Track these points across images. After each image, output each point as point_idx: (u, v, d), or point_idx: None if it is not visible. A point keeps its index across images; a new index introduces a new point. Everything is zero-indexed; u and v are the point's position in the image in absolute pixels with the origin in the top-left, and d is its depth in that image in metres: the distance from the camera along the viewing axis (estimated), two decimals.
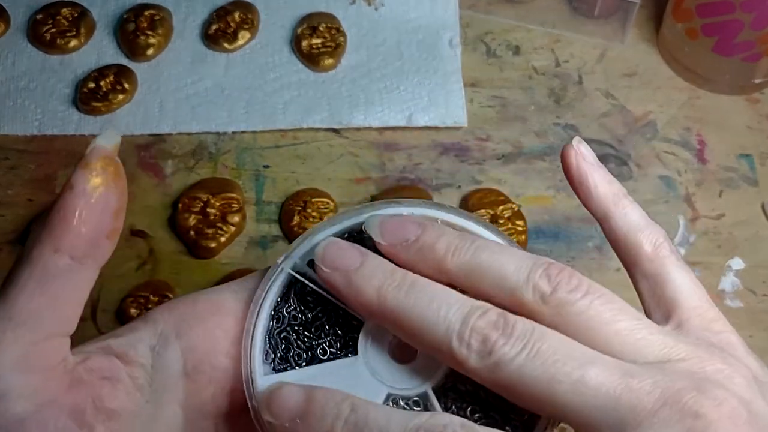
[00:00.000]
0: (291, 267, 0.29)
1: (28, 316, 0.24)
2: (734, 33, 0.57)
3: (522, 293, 0.25)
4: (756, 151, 0.59)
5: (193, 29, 0.64)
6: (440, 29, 0.64)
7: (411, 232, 0.27)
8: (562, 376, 0.23)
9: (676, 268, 0.29)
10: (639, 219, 0.30)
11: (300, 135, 0.59)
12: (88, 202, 0.25)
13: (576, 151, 0.31)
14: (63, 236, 0.25)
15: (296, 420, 0.25)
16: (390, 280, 0.26)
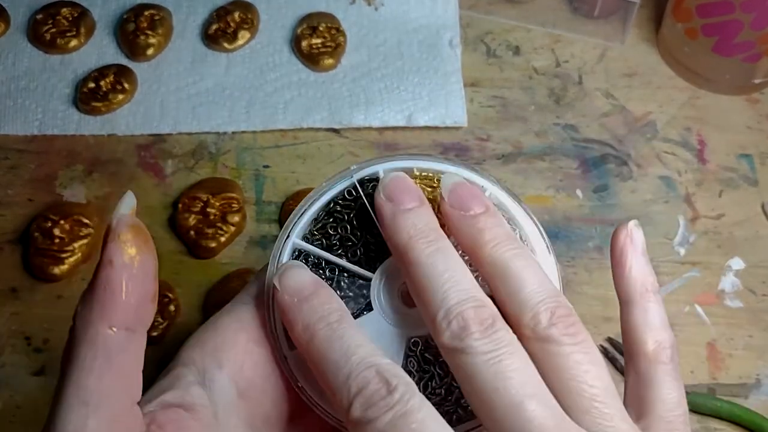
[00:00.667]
0: (358, 178, 0.31)
1: (102, 396, 0.25)
2: (734, 33, 0.57)
3: (523, 313, 0.26)
4: (756, 151, 0.59)
5: (193, 29, 0.64)
6: (440, 29, 0.64)
7: (475, 207, 0.29)
8: (506, 392, 0.24)
9: (668, 378, 0.29)
10: (656, 318, 0.30)
11: (300, 135, 0.59)
12: (130, 273, 0.26)
13: (628, 234, 0.31)
14: (115, 312, 0.25)
15: (294, 298, 0.28)
16: (424, 233, 0.28)
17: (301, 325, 0.27)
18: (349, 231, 0.31)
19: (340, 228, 0.31)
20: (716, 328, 0.51)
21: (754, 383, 0.49)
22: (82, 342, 0.25)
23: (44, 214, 0.54)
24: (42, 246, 0.53)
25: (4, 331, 0.51)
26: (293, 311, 0.28)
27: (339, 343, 0.26)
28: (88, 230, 0.54)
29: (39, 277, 0.52)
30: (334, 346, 0.26)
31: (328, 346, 0.26)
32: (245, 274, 0.52)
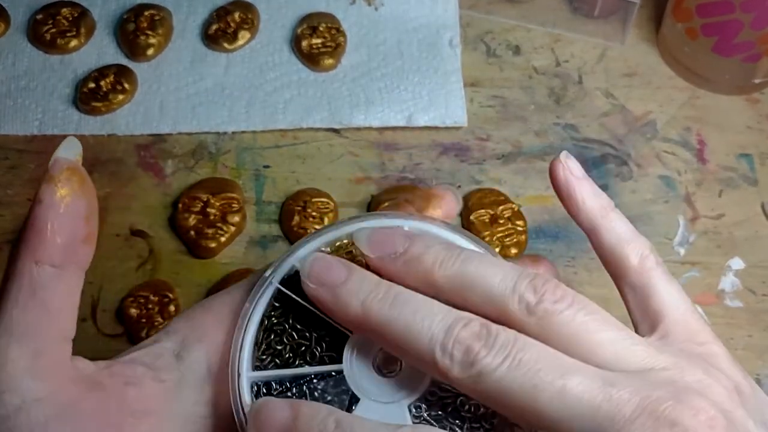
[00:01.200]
0: (278, 281, 0.29)
1: (26, 327, 0.26)
2: (734, 33, 0.57)
3: (508, 303, 0.26)
4: (756, 151, 0.59)
5: (194, 29, 0.64)
6: (440, 29, 0.64)
7: (399, 245, 0.28)
8: (544, 385, 0.24)
9: (661, 280, 0.29)
10: (626, 231, 0.30)
11: (300, 135, 0.59)
12: (57, 212, 0.26)
13: (563, 166, 0.31)
14: (40, 248, 0.26)
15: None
16: (375, 293, 0.26)
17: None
18: (296, 337, 0.29)
19: (286, 338, 0.29)
20: (716, 328, 0.51)
21: None
22: (10, 277, 0.26)
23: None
24: None
25: None
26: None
27: None
28: None
29: None
30: None
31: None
32: (245, 274, 0.52)
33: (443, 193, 0.33)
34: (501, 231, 0.54)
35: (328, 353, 0.29)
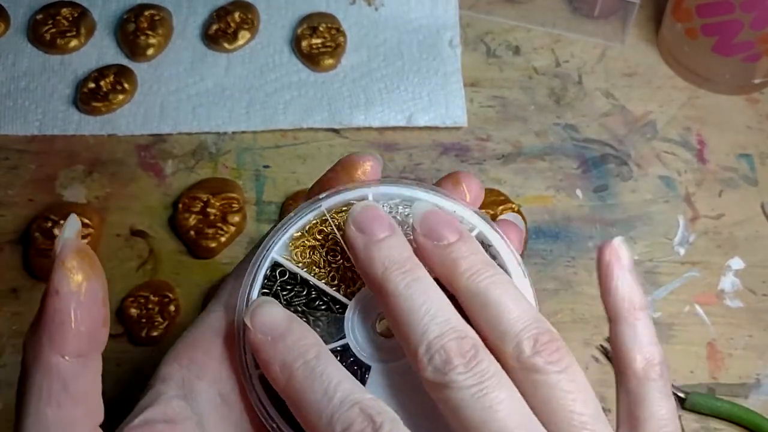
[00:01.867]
0: (327, 207, 0.31)
1: (62, 424, 0.25)
2: (734, 33, 0.57)
3: (505, 343, 0.26)
4: (756, 150, 0.59)
5: (194, 29, 0.64)
6: (440, 29, 0.64)
7: (448, 236, 0.28)
8: (492, 424, 0.24)
9: (659, 395, 0.29)
10: (644, 336, 0.30)
11: (300, 135, 0.59)
12: (78, 301, 0.25)
13: (613, 250, 0.31)
14: (66, 341, 0.25)
15: (268, 337, 0.27)
16: (399, 264, 0.27)
17: (277, 366, 0.27)
18: (323, 256, 0.30)
19: (315, 253, 0.31)
20: (716, 328, 0.51)
21: (754, 383, 0.49)
22: (36, 372, 0.25)
23: (44, 214, 0.54)
24: (42, 246, 0.53)
25: (5, 331, 0.51)
26: (267, 351, 0.27)
27: (319, 381, 0.26)
28: (88, 230, 0.54)
29: (39, 278, 0.52)
30: (314, 385, 0.26)
31: (308, 386, 0.26)
32: None
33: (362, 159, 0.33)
34: None
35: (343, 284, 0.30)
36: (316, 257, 0.30)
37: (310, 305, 0.30)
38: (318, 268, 0.30)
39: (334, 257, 0.30)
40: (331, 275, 0.30)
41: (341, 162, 0.33)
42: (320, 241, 0.31)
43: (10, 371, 0.50)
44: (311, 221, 0.31)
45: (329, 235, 0.31)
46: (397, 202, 0.31)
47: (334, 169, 0.33)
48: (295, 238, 0.31)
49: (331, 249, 0.30)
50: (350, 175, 0.32)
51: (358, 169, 0.32)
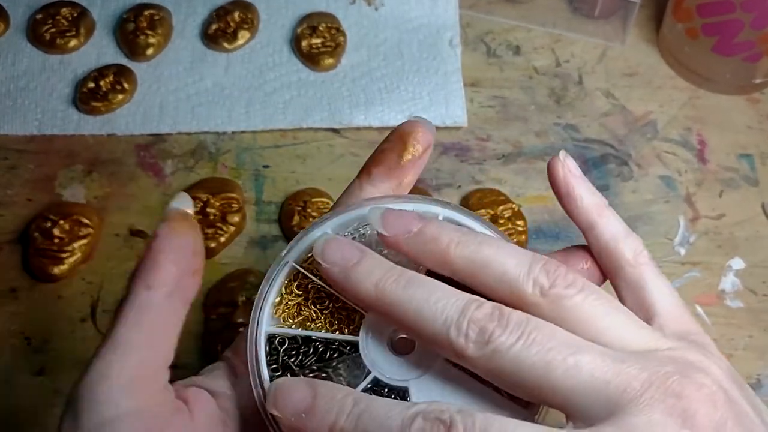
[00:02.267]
0: (294, 260, 0.30)
1: (131, 346, 0.28)
2: (734, 33, 0.57)
3: (522, 286, 0.27)
4: (756, 150, 0.59)
5: (193, 29, 0.64)
6: (440, 29, 0.64)
7: (413, 224, 0.29)
8: (557, 363, 0.25)
9: (654, 275, 0.30)
10: (620, 229, 0.31)
11: (300, 135, 0.59)
12: (170, 244, 0.29)
13: (563, 164, 0.32)
14: (153, 274, 0.28)
15: (301, 414, 0.27)
16: (388, 275, 0.27)
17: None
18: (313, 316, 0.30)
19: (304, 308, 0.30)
20: (716, 328, 0.51)
21: (754, 383, 0.49)
22: (125, 300, 0.28)
23: (44, 214, 0.54)
24: (41, 246, 0.53)
25: (4, 331, 0.51)
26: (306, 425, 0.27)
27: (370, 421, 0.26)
28: (87, 230, 0.53)
29: (39, 277, 0.52)
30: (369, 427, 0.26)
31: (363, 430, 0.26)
32: (245, 275, 0.52)
33: (413, 128, 0.33)
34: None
35: (342, 333, 0.29)
36: (306, 312, 0.30)
37: (322, 359, 0.29)
38: (312, 321, 0.30)
39: (322, 304, 0.30)
40: (328, 322, 0.30)
41: (395, 131, 0.33)
42: (302, 294, 0.30)
43: (9, 371, 0.49)
44: (284, 282, 0.30)
45: (308, 285, 0.30)
46: (356, 225, 0.31)
47: (389, 139, 0.33)
48: (276, 304, 0.30)
49: (316, 297, 0.30)
50: (404, 143, 0.33)
51: (411, 135, 0.33)
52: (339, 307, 0.30)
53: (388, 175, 0.33)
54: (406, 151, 0.33)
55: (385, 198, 0.31)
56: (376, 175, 0.33)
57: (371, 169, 0.33)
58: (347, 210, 0.31)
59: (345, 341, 0.29)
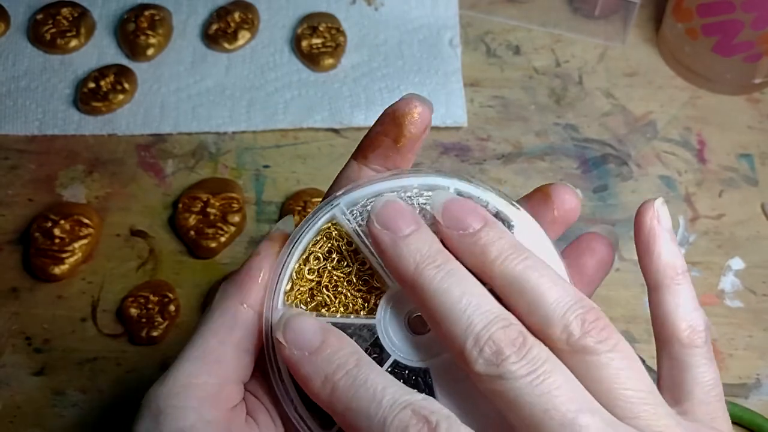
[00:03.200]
0: (340, 210, 0.30)
1: (218, 359, 0.28)
2: (734, 33, 0.57)
3: (553, 326, 0.25)
4: (756, 150, 0.59)
5: (194, 29, 0.64)
6: (441, 29, 0.64)
7: (473, 223, 0.27)
8: (555, 412, 0.24)
9: (703, 360, 0.29)
10: (688, 301, 0.29)
11: (300, 135, 0.59)
12: (270, 265, 0.30)
13: (655, 213, 0.30)
14: (249, 292, 0.29)
15: (305, 352, 0.27)
16: (432, 259, 0.26)
17: (318, 380, 0.26)
18: (335, 279, 0.30)
19: (317, 294, 0.30)
20: (717, 328, 0.51)
21: (754, 383, 0.49)
22: (217, 310, 0.29)
23: (44, 214, 0.54)
24: (42, 246, 0.53)
25: (5, 331, 0.51)
26: (305, 366, 0.26)
27: (364, 389, 0.25)
28: (88, 230, 0.54)
29: (39, 277, 0.52)
30: (360, 393, 0.25)
31: (354, 396, 0.25)
32: None
33: (408, 108, 0.31)
34: None
35: (365, 297, 0.29)
36: (319, 297, 0.30)
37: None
38: (325, 306, 0.29)
39: (335, 288, 0.30)
40: (343, 305, 0.29)
41: (387, 114, 0.31)
42: (314, 279, 0.30)
43: (10, 371, 0.50)
44: (294, 267, 0.30)
45: (321, 269, 0.30)
46: (415, 192, 0.30)
47: (382, 122, 0.31)
48: (288, 291, 0.30)
49: (330, 282, 0.30)
50: (399, 127, 0.31)
51: (406, 118, 0.31)
52: (354, 291, 0.29)
53: (385, 160, 0.31)
54: (401, 135, 0.31)
55: (395, 173, 0.30)
56: (372, 159, 0.32)
57: (367, 153, 0.31)
58: (358, 187, 0.30)
59: (361, 325, 0.29)
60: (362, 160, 0.32)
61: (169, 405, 0.27)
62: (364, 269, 0.29)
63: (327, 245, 0.30)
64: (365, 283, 0.29)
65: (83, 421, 0.48)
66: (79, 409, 0.48)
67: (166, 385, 0.28)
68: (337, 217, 0.30)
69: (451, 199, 0.28)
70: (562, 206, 0.32)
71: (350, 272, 0.30)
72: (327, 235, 0.30)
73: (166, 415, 0.27)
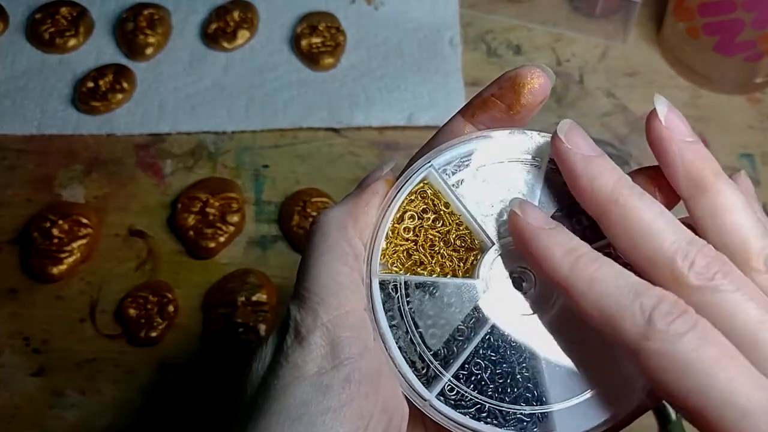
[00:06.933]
0: (434, 170, 0.30)
1: (348, 284, 0.28)
2: (736, 32, 0.57)
3: (746, 249, 0.25)
4: (758, 150, 0.59)
5: (193, 28, 0.64)
6: (441, 28, 0.64)
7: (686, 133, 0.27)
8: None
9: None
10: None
11: (300, 134, 0.59)
12: (379, 204, 0.29)
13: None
14: (365, 228, 0.29)
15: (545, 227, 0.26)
16: (625, 179, 0.26)
17: (558, 251, 0.26)
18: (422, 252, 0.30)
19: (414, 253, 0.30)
20: None
21: None
22: (337, 237, 0.28)
23: (43, 214, 0.54)
24: (41, 246, 0.52)
25: (3, 332, 0.51)
26: (541, 238, 0.26)
27: (609, 263, 0.25)
28: (86, 230, 0.53)
29: (38, 278, 0.52)
30: (605, 266, 0.25)
31: (600, 266, 0.25)
32: (244, 275, 0.52)
33: (530, 77, 0.30)
34: None
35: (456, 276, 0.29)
36: (415, 256, 0.29)
37: (438, 305, 0.29)
38: (422, 265, 0.29)
39: (432, 247, 0.29)
40: (439, 265, 0.29)
41: (508, 78, 0.30)
42: (411, 238, 0.30)
43: (8, 372, 0.49)
44: (390, 227, 0.30)
45: (417, 228, 0.30)
46: (457, 162, 0.30)
47: (500, 85, 0.30)
48: (384, 250, 0.29)
49: (426, 242, 0.29)
50: (518, 95, 0.30)
51: (526, 87, 0.30)
52: (449, 250, 0.29)
53: (493, 122, 0.31)
54: (517, 103, 0.30)
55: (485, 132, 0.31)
56: (480, 119, 0.31)
57: (476, 112, 0.31)
58: (451, 146, 0.30)
59: (461, 284, 0.29)
60: (469, 117, 0.31)
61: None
62: (461, 229, 0.29)
63: (422, 204, 0.30)
64: (462, 242, 0.29)
65: (82, 421, 0.48)
66: (78, 409, 0.48)
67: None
68: (430, 176, 0.30)
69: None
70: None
71: (446, 232, 0.29)
72: (421, 194, 0.30)
73: None
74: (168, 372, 0.50)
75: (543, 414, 0.28)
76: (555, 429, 0.28)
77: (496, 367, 0.28)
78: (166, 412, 0.48)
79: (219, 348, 0.50)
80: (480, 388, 0.28)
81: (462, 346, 0.28)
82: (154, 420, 0.48)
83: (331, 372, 0.26)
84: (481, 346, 0.28)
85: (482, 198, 0.30)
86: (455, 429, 0.28)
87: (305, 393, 0.25)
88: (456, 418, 0.28)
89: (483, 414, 0.28)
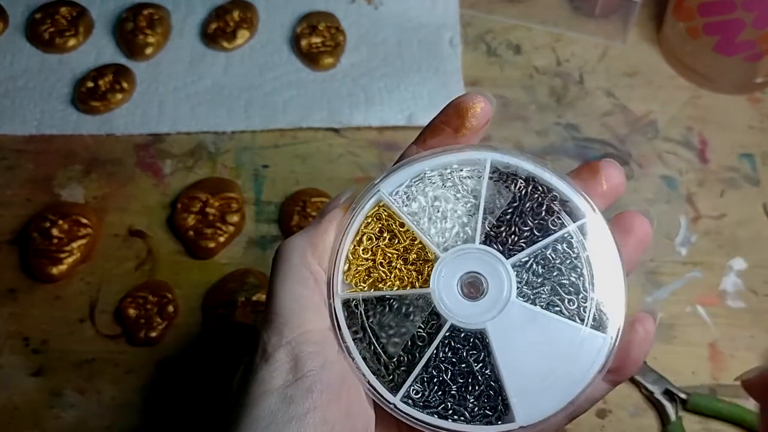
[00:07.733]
0: (386, 192, 0.32)
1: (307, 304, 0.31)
2: (736, 32, 0.57)
3: None
4: (758, 150, 0.59)
5: (192, 28, 0.64)
6: (441, 28, 0.64)
7: None
8: None
9: None
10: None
11: (299, 134, 0.59)
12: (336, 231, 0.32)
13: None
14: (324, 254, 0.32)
15: None
16: None
17: None
18: (381, 269, 0.32)
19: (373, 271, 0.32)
20: (718, 329, 0.51)
21: None
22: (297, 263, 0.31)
23: (42, 214, 0.54)
24: (40, 246, 0.52)
25: (3, 332, 0.51)
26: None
27: None
28: (86, 230, 0.53)
29: (37, 278, 0.52)
30: None
31: None
32: (244, 275, 0.52)
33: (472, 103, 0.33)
34: None
35: (413, 287, 0.32)
36: (375, 274, 0.32)
37: (398, 315, 0.31)
38: (382, 282, 0.32)
39: (389, 264, 0.32)
40: (398, 279, 0.32)
41: (452, 105, 0.33)
42: (369, 258, 0.32)
43: (8, 372, 0.49)
44: (350, 249, 0.32)
45: (374, 248, 0.32)
46: (455, 167, 0.33)
47: (446, 112, 0.33)
48: (346, 271, 0.32)
49: (384, 259, 0.32)
50: (462, 119, 0.33)
51: (469, 111, 0.33)
52: (406, 265, 0.32)
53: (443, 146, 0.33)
54: (463, 126, 0.33)
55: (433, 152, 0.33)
56: (431, 145, 0.33)
57: (427, 140, 0.33)
58: (399, 168, 0.33)
59: (417, 295, 0.31)
60: (422, 144, 0.34)
61: None
62: (415, 244, 0.32)
63: (377, 225, 0.32)
64: (417, 256, 0.32)
65: (81, 421, 0.48)
66: (77, 409, 0.48)
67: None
68: (384, 199, 0.32)
69: None
70: (610, 180, 0.33)
71: (403, 248, 0.32)
72: (377, 216, 0.33)
73: None
74: (167, 372, 0.50)
75: (505, 406, 0.30)
76: (516, 419, 0.30)
77: (456, 368, 0.31)
78: (166, 412, 0.48)
79: (219, 348, 0.50)
80: (443, 388, 0.31)
81: (423, 351, 0.31)
82: (153, 420, 0.48)
83: (295, 384, 0.28)
84: (441, 349, 0.31)
85: (432, 212, 0.32)
86: (424, 428, 0.30)
87: (273, 404, 0.28)
88: (422, 418, 0.30)
89: (449, 412, 0.31)
